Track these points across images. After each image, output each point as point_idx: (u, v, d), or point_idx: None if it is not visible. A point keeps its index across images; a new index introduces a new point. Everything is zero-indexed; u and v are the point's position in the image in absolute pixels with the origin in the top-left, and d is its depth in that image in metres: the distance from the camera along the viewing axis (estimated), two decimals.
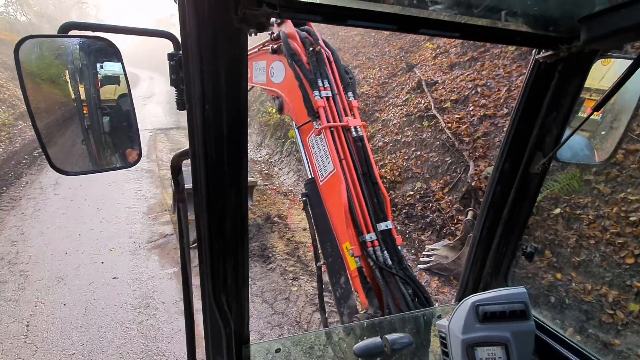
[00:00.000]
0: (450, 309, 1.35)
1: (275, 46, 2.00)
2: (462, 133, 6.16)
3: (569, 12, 0.87)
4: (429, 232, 5.78)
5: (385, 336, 1.20)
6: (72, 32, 0.80)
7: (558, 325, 1.22)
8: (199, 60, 0.72)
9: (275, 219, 6.83)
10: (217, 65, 0.73)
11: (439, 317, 1.40)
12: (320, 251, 2.22)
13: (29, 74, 0.79)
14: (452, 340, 1.12)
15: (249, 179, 2.01)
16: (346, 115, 1.95)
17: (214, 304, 0.95)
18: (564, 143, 1.11)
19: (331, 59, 1.96)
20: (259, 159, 10.69)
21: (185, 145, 0.87)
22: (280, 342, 1.19)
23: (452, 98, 7.00)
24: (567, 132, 1.11)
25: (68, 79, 0.84)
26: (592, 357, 1.17)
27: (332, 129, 1.88)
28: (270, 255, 5.75)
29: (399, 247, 1.91)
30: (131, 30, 0.89)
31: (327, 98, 1.89)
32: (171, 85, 0.83)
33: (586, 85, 1.07)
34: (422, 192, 6.20)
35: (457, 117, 6.54)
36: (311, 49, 1.88)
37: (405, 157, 6.88)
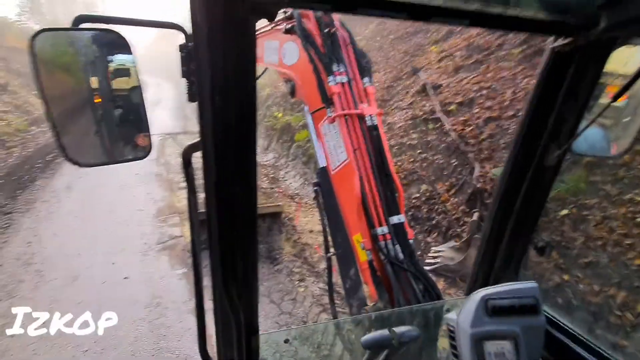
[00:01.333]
0: (459, 302, 1.33)
1: (289, 26, 1.90)
2: (468, 135, 6.11)
3: None
4: (435, 234, 5.73)
5: (393, 328, 1.19)
6: (84, 25, 0.82)
7: (569, 320, 1.19)
8: (208, 51, 0.72)
9: (283, 221, 6.85)
10: (226, 55, 0.73)
11: (448, 310, 1.38)
12: (330, 242, 2.17)
13: (44, 66, 0.80)
14: (460, 333, 1.10)
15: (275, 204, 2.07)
16: (361, 102, 1.85)
17: (224, 294, 0.95)
18: (580, 134, 1.07)
19: (347, 41, 1.87)
20: (266, 162, 10.72)
21: None
22: (289, 333, 1.19)
23: (457, 101, 6.96)
24: (584, 123, 1.08)
25: (81, 71, 0.86)
26: (603, 353, 1.14)
27: (347, 117, 1.80)
28: (277, 256, 5.75)
29: (411, 241, 1.87)
30: (142, 22, 0.89)
31: (342, 84, 1.79)
32: (182, 77, 0.83)
33: (609, 70, 1.02)
34: (427, 194, 6.15)
35: (462, 120, 6.50)
36: (326, 30, 1.79)
37: (411, 160, 6.84)
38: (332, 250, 2.21)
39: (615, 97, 0.88)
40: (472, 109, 6.58)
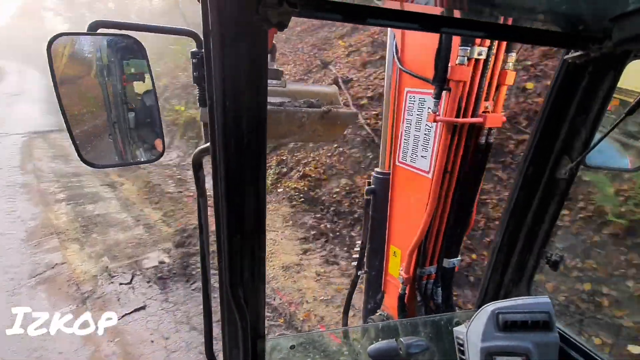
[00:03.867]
0: (468, 315, 1.33)
1: None
2: (381, 129, 6.72)
3: (600, 10, 0.87)
4: (358, 228, 6.22)
5: (401, 339, 1.22)
6: (100, 30, 0.83)
7: (584, 338, 1.28)
8: (221, 58, 0.76)
9: (197, 230, 6.49)
10: (238, 62, 0.77)
11: (457, 323, 1.38)
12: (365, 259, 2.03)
13: (60, 70, 0.79)
14: (470, 347, 1.12)
15: (350, 110, 1.66)
16: (487, 98, 1.46)
17: (231, 298, 1.00)
18: (593, 147, 1.08)
19: None
20: (169, 162, 10.04)
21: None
22: (296, 339, 1.23)
23: (368, 95, 7.58)
24: (598, 136, 1.09)
25: (97, 75, 0.86)
26: None
27: (457, 126, 1.44)
28: (194, 272, 5.42)
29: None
30: (156, 28, 0.92)
31: (477, 61, 1.37)
32: (194, 82, 0.89)
33: (624, 84, 1.05)
34: (347, 188, 6.62)
35: (374, 114, 7.14)
36: None
37: (329, 154, 7.26)
38: (364, 269, 2.06)
39: (631, 111, 0.89)
40: (382, 103, 7.26)
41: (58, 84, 0.78)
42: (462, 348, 1.18)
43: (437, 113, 1.42)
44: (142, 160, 1.06)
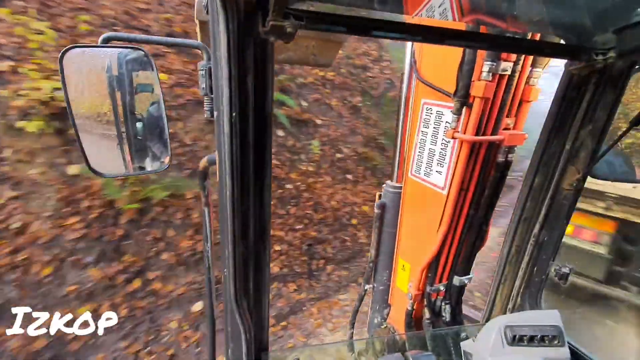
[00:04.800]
0: (476, 329, 1.33)
1: None
2: None
3: (603, 22, 0.88)
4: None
5: (407, 353, 1.20)
6: (111, 43, 0.87)
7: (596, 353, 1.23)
8: (228, 70, 0.77)
9: None
10: (244, 74, 0.79)
11: (465, 337, 1.37)
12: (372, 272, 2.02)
13: (72, 81, 0.83)
14: None
15: None
16: (508, 115, 1.41)
17: (235, 309, 0.99)
18: (600, 158, 1.09)
19: None
20: None
21: None
22: (300, 351, 1.21)
23: None
24: (604, 147, 1.10)
25: (107, 86, 0.89)
26: None
27: (476, 144, 1.40)
28: None
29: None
30: (166, 41, 0.97)
31: (501, 77, 1.32)
32: (201, 94, 0.91)
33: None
34: None
35: None
36: None
37: None
38: (372, 283, 2.04)
39: (636, 122, 0.90)
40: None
41: (69, 95, 0.82)
42: None
43: (456, 129, 1.38)
44: (149, 169, 1.08)
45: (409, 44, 1.72)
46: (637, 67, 0.98)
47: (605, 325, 3.92)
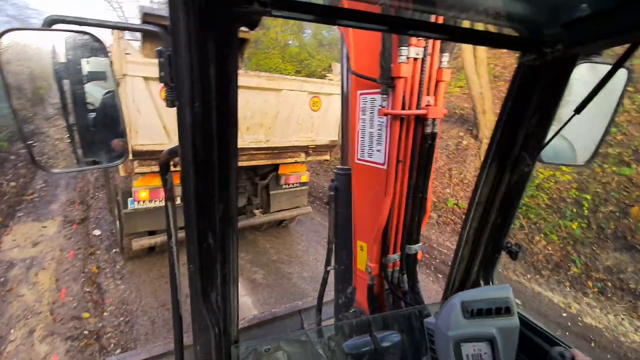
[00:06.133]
0: (437, 306, 1.40)
1: None
2: None
3: (553, 17, 0.94)
4: None
5: (375, 333, 1.27)
6: (57, 26, 0.78)
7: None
8: (189, 58, 0.74)
9: None
10: (207, 62, 0.75)
11: (427, 314, 1.46)
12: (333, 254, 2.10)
13: (12, 68, 0.73)
14: (439, 336, 1.18)
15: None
16: (428, 94, 1.62)
17: (202, 304, 0.98)
18: (546, 145, 1.17)
19: None
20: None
21: None
22: (270, 342, 1.22)
23: None
24: (551, 134, 1.17)
25: (52, 74, 0.80)
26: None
27: (403, 118, 1.59)
28: None
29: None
30: (118, 25, 0.89)
31: (415, 60, 1.53)
32: (160, 82, 0.86)
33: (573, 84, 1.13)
34: None
35: None
36: None
37: None
38: (332, 264, 2.14)
39: (578, 109, 0.97)
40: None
41: (9, 84, 0.73)
42: (432, 338, 1.23)
43: (387, 108, 1.59)
44: (104, 164, 1.00)
45: (342, 41, 1.87)
46: (580, 59, 1.06)
47: None
